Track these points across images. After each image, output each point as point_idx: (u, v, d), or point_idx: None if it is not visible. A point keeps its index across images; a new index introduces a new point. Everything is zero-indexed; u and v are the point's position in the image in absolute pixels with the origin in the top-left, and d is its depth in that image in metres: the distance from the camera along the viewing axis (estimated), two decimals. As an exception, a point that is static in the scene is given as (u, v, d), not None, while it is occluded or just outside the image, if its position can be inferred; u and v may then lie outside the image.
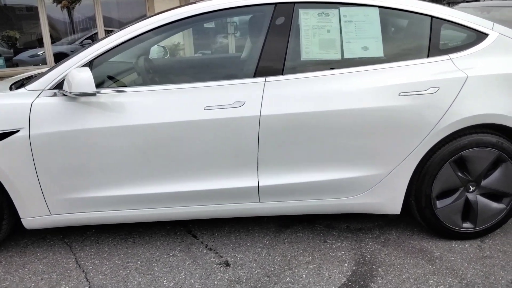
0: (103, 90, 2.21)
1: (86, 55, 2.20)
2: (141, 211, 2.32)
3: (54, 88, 2.20)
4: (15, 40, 8.03)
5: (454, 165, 2.28)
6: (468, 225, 2.41)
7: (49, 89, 2.20)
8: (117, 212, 2.32)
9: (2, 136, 2.12)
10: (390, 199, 2.35)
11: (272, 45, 2.25)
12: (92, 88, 2.01)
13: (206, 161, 2.22)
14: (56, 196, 2.26)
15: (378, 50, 2.28)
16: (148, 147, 2.19)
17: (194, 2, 2.38)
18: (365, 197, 2.34)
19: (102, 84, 2.30)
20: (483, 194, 2.37)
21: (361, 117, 2.17)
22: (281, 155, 2.22)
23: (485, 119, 2.21)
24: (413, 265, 2.22)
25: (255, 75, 2.23)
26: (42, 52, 7.71)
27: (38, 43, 7.83)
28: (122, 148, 2.18)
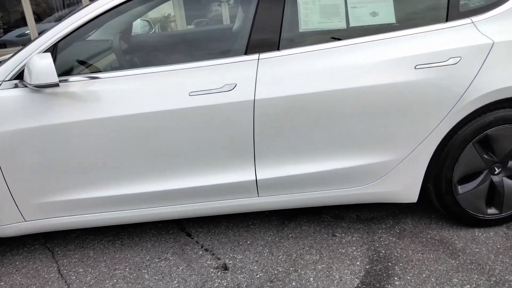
0: (73, 78, 1.91)
1: (49, 38, 1.88)
2: (127, 213, 2.07)
3: (15, 79, 1.90)
4: (-1, 20, 7.62)
5: (478, 146, 2.00)
6: (493, 211, 2.15)
7: (9, 80, 1.90)
8: (100, 215, 2.06)
9: (-42, 137, 1.84)
10: (406, 187, 2.08)
11: (265, 15, 1.93)
12: (53, 78, 1.71)
13: (195, 155, 1.94)
14: (29, 201, 2.00)
15: (389, 16, 1.95)
16: (128, 142, 1.90)
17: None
18: (378, 186, 2.07)
19: (72, 71, 1.99)
20: (510, 176, 2.10)
21: (372, 96, 1.87)
22: (281, 144, 1.94)
23: (515, 92, 1.91)
24: (434, 261, 1.97)
25: (247, 52, 1.91)
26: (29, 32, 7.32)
27: (24, 22, 7.42)
28: (99, 145, 1.90)
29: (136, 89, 1.88)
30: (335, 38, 1.93)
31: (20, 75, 1.89)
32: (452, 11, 1.97)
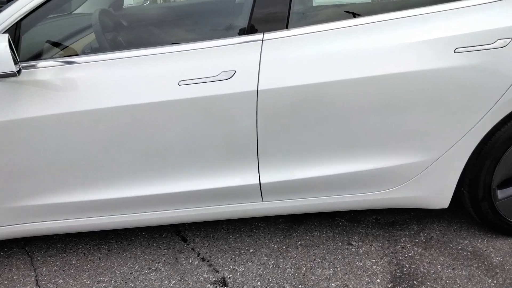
0: (43, 64, 1.60)
1: (8, 16, 1.56)
2: (111, 219, 1.80)
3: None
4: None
5: (526, 145, 1.67)
6: (537, 219, 1.84)
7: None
8: (81, 221, 1.80)
9: None
10: (437, 191, 1.77)
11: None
12: (9, 66, 1.40)
13: (186, 156, 1.65)
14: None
15: (424, -13, 1.59)
16: (108, 139, 1.61)
17: None
18: (403, 191, 1.76)
19: (42, 55, 1.68)
20: (560, 180, 1.78)
21: (400, 86, 1.54)
22: (289, 143, 1.63)
23: None
24: (467, 279, 1.68)
25: (249, 31, 1.58)
26: None
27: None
28: (74, 143, 1.62)
29: (117, 77, 1.57)
30: (357, 15, 1.58)
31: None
32: (500, -20, 1.60)
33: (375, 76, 1.52)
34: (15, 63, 1.45)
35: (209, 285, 1.75)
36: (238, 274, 1.79)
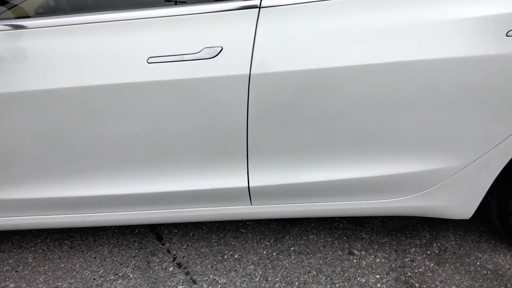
0: (-22, 25, 1.24)
1: None
2: (73, 218, 1.50)
3: None
4: None
5: None
6: None
7: None
8: (43, 218, 1.50)
9: None
10: (461, 201, 1.47)
11: None
12: None
13: (158, 152, 1.32)
14: None
15: None
16: (56, 129, 1.28)
17: None
18: (421, 199, 1.47)
19: (-22, 12, 1.31)
20: None
21: (434, 76, 1.20)
22: (287, 141, 1.31)
23: None
24: (489, 306, 1.43)
25: (241, -5, 1.22)
26: None
27: None
28: (17, 130, 1.28)
29: (74, 48, 1.21)
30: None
31: None
32: None
33: (404, 62, 1.17)
34: None
35: (184, 301, 1.48)
36: (219, 287, 1.52)
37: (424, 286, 1.50)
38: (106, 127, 1.27)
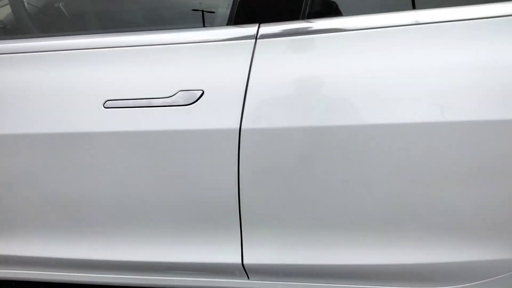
0: None
1: None
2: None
3: None
4: None
5: None
6: None
7: None
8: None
9: None
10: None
11: None
12: None
13: (132, 216, 1.02)
14: None
15: None
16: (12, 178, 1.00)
17: None
18: (474, 290, 1.09)
19: None
20: None
21: (504, 141, 0.83)
22: (292, 212, 0.97)
23: None
24: None
25: (235, 20, 0.90)
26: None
27: None
28: None
29: (13, 85, 0.94)
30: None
31: None
32: None
33: (458, 123, 0.82)
34: None
35: None
36: None
37: None
38: (58, 184, 0.98)
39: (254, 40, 0.86)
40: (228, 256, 1.07)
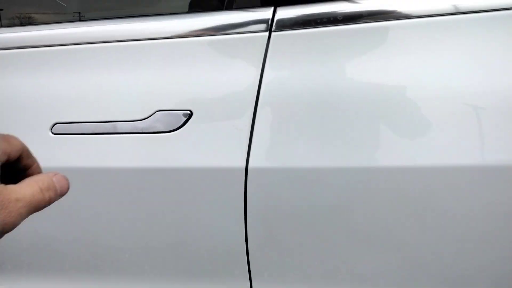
0: None
1: None
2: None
3: None
4: None
5: None
6: None
7: None
8: None
9: None
10: None
11: None
12: None
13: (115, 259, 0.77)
14: None
15: None
16: None
17: None
18: None
19: None
20: None
21: None
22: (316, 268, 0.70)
23: None
24: None
25: (238, 3, 0.60)
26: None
27: None
28: None
29: None
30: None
31: None
32: None
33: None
34: None
35: None
36: None
37: None
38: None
39: (268, 32, 0.56)
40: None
